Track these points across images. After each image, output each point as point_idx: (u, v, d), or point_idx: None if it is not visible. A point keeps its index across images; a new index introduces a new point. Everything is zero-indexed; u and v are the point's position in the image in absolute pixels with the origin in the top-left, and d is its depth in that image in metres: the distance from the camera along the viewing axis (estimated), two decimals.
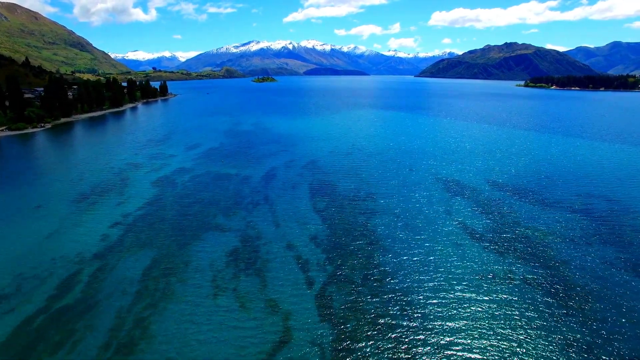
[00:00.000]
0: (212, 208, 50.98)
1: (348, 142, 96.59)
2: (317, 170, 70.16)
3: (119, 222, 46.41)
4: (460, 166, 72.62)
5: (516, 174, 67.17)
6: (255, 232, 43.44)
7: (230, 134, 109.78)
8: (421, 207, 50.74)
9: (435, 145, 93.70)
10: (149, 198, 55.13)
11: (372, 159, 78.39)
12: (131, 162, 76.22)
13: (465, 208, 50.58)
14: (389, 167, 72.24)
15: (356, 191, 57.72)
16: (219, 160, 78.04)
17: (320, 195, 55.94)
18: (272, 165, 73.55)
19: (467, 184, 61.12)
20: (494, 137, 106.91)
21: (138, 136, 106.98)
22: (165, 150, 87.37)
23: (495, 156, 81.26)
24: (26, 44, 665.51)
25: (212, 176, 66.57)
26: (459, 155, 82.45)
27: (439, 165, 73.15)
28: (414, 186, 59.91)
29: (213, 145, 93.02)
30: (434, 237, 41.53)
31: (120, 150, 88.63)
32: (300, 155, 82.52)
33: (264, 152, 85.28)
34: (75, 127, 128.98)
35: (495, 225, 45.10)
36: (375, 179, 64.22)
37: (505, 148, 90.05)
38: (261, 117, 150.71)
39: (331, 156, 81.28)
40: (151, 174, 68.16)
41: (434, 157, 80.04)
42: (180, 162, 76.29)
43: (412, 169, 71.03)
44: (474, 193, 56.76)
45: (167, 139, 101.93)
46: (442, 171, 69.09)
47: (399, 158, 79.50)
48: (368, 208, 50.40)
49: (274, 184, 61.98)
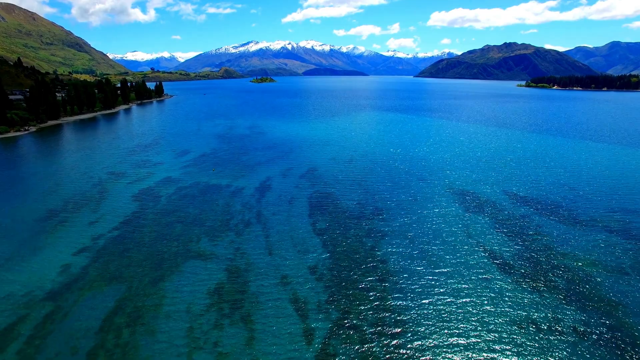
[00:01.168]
0: (196, 229, 44.32)
1: (350, 148, 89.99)
2: (316, 180, 63.54)
3: (86, 247, 39.71)
4: (475, 176, 66.05)
5: (537, 185, 60.62)
6: (244, 261, 36.78)
7: (224, 139, 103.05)
8: (437, 228, 44.15)
9: (444, 151, 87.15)
10: (127, 216, 48.43)
11: (378, 168, 71.80)
12: (113, 171, 69.49)
13: (488, 230, 44.00)
14: (397, 177, 65.65)
15: (361, 207, 51.12)
16: (209, 168, 71.34)
17: (320, 212, 49.32)
18: (267, 175, 66.89)
19: (485, 198, 54.56)
20: (507, 141, 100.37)
21: (125, 141, 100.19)
22: (152, 157, 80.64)
23: (511, 164, 74.75)
24: (23, 44, 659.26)
25: (200, 188, 59.89)
26: (471, 163, 75.93)
27: (451, 175, 66.58)
28: (426, 201, 53.32)
29: (204, 151, 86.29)
30: (458, 270, 34.89)
31: (104, 156, 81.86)
32: (298, 162, 75.90)
33: (258, 160, 78.60)
34: (61, 130, 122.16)
35: (526, 252, 38.52)
36: (382, 191, 57.60)
37: (521, 154, 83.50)
38: (257, 120, 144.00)
39: (332, 164, 74.68)
40: (133, 185, 61.44)
41: (445, 165, 73.51)
42: (167, 171, 69.58)
43: (422, 179, 64.46)
44: (494, 210, 50.19)
45: (155, 144, 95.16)
46: (456, 182, 62.52)
47: (407, 166, 72.93)
48: (376, 230, 43.79)
49: (268, 197, 55.31)
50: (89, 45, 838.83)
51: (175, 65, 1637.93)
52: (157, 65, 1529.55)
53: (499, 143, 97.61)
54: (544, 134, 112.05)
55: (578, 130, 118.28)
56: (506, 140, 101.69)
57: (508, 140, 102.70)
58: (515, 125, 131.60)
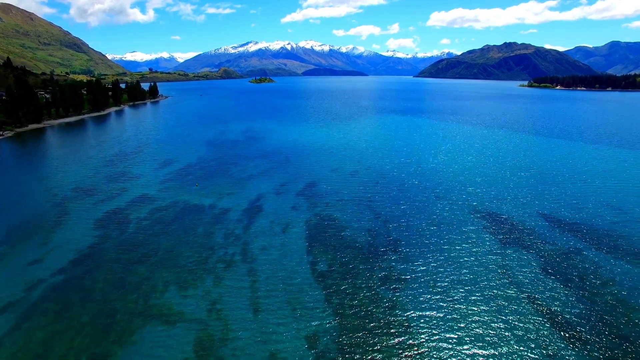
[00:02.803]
0: (164, 272, 34.91)
1: (353, 157, 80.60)
2: (316, 199, 54.13)
3: (15, 301, 30.33)
4: (501, 192, 56.63)
5: (579, 206, 51.17)
6: (220, 327, 27.37)
7: (214, 146, 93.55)
8: (470, 269, 34.75)
9: (460, 161, 77.76)
10: (81, 251, 39.03)
11: (387, 183, 62.38)
12: (82, 187, 60.08)
13: (534, 273, 34.60)
14: (410, 195, 56.23)
15: (372, 238, 41.72)
16: (192, 183, 61.92)
17: (321, 246, 39.91)
18: (258, 192, 57.47)
19: (520, 224, 45.17)
20: (530, 149, 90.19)
21: (106, 148, 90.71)
22: (130, 169, 71.21)
23: (541, 177, 65.31)
24: (21, 44, 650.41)
25: (178, 210, 50.46)
26: (494, 175, 66.55)
27: (473, 192, 57.16)
28: (449, 230, 43.93)
29: (190, 161, 76.84)
30: (509, 344, 25.48)
31: (76, 168, 72.41)
32: (296, 175, 66.49)
33: (250, 172, 69.18)
34: (41, 135, 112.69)
35: (593, 311, 29.17)
36: (395, 216, 48.19)
37: (551, 165, 73.54)
38: (252, 124, 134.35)
39: (334, 177, 65.29)
40: (100, 206, 52.02)
41: (464, 179, 64.10)
42: (144, 187, 60.16)
43: (440, 197, 55.06)
44: (535, 242, 40.79)
45: (138, 152, 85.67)
46: (480, 201, 53.12)
47: (420, 180, 63.53)
48: (394, 275, 34.38)
49: (258, 224, 45.88)
50: (87, 46, 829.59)
51: (174, 66, 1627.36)
52: (156, 65, 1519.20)
53: (522, 151, 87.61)
54: (572, 140, 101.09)
55: (607, 136, 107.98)
56: (529, 148, 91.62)
57: (531, 147, 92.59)
58: (534, 129, 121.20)
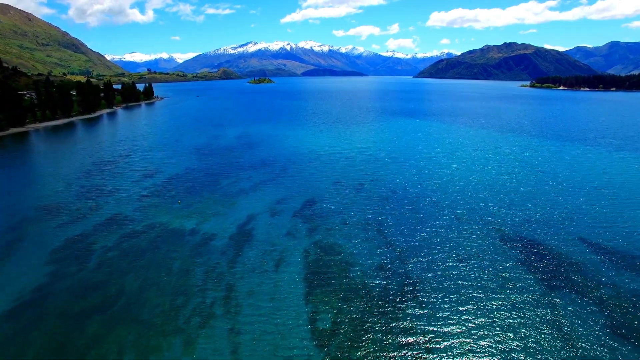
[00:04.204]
0: (122, 329, 27.02)
1: (358, 167, 72.76)
2: (316, 222, 46.25)
3: None
4: (532, 213, 48.71)
5: (630, 232, 43.34)
6: None
7: (204, 153, 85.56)
8: (516, 331, 26.87)
9: (479, 172, 69.87)
10: (24, 296, 31.17)
11: (398, 199, 54.49)
12: (47, 205, 52.21)
13: (596, 335, 26.77)
14: (426, 215, 48.36)
15: (386, 278, 33.82)
16: (174, 200, 54.03)
17: (323, 291, 32.02)
18: (249, 212, 49.57)
19: (565, 256, 37.32)
20: (560, 157, 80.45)
21: (86, 156, 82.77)
22: (107, 181, 63.29)
23: (574, 192, 57.43)
24: (19, 45, 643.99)
25: (153, 236, 42.57)
26: (519, 190, 58.57)
27: (499, 213, 49.22)
28: (478, 263, 36.04)
29: (175, 172, 68.90)
30: None
31: (47, 180, 64.52)
32: (293, 190, 58.59)
33: (242, 185, 61.26)
34: (21, 140, 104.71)
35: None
36: (410, 245, 40.28)
37: (588, 178, 65.36)
38: (248, 128, 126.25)
39: (337, 192, 57.39)
40: (63, 230, 44.16)
41: (486, 194, 56.17)
42: (119, 204, 52.28)
43: (460, 217, 47.19)
44: (589, 284, 32.93)
45: (120, 161, 77.74)
46: (508, 224, 45.24)
47: (436, 196, 55.57)
48: (416, 333, 26.49)
49: (246, 257, 37.97)
50: (86, 46, 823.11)
51: (174, 66, 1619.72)
52: (155, 66, 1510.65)
53: (550, 160, 78.58)
54: (606, 148, 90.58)
55: (630, 140, 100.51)
56: (560, 156, 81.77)
57: (562, 155, 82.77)
58: (559, 134, 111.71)
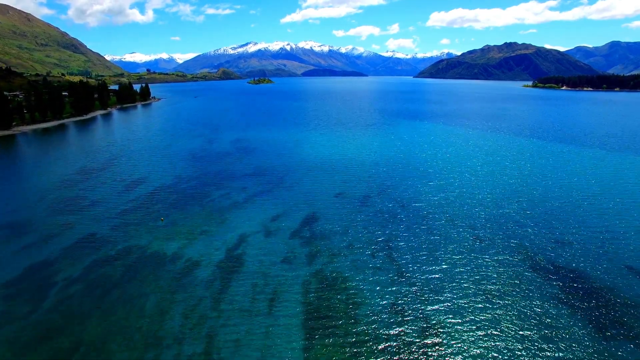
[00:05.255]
0: None
1: (362, 175, 66.57)
2: (317, 246, 40.07)
3: None
4: (563, 234, 42.49)
5: None
6: None
7: (196, 160, 79.31)
8: None
9: (497, 183, 63.57)
10: None
11: (409, 216, 48.26)
12: (14, 221, 46.08)
13: None
14: (443, 238, 42.14)
15: (400, 320, 27.63)
16: (158, 216, 47.85)
17: (326, 343, 25.82)
18: (241, 231, 43.40)
19: (613, 292, 31.15)
20: (594, 167, 72.55)
21: (69, 162, 76.64)
22: (86, 193, 57.14)
23: (617, 210, 51.25)
24: (17, 45, 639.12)
25: (129, 262, 36.41)
26: (545, 206, 52.34)
27: (526, 234, 43.03)
28: (510, 300, 29.86)
29: (163, 182, 62.73)
30: None
31: (21, 191, 58.31)
32: (291, 204, 52.36)
33: (235, 198, 55.04)
34: (5, 144, 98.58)
35: None
36: (428, 277, 34.06)
37: (628, 192, 59.54)
38: (244, 131, 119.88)
39: (340, 207, 51.21)
40: (24, 255, 38.02)
41: (509, 211, 49.93)
42: (94, 222, 46.14)
43: (482, 238, 40.95)
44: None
45: (103, 169, 71.54)
46: (538, 249, 39.06)
47: (451, 213, 49.32)
48: None
49: (234, 292, 31.76)
50: (85, 47, 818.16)
51: (174, 67, 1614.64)
52: (155, 66, 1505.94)
53: (580, 171, 70.08)
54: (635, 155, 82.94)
55: None
56: (594, 166, 72.91)
57: (597, 165, 74.00)
58: (576, 138, 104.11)
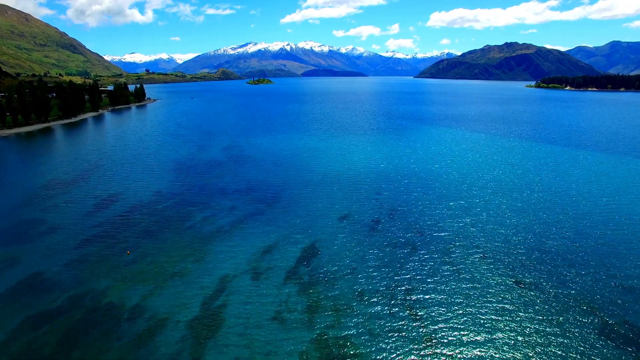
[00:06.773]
0: None
1: (369, 192, 57.98)
2: (319, 291, 31.45)
3: None
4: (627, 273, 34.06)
5: None
6: None
7: (181, 172, 70.56)
8: None
9: (531, 201, 54.99)
10: None
11: (429, 245, 39.64)
12: None
13: None
14: (474, 278, 33.53)
15: None
16: (123, 249, 39.25)
17: None
18: (225, 271, 34.79)
19: None
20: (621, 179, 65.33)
21: (37, 174, 68.00)
22: (47, 215, 48.55)
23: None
24: (16, 45, 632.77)
25: (74, 320, 27.78)
26: (592, 233, 43.87)
27: (571, 278, 34.50)
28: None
29: (139, 200, 54.08)
30: None
31: None
32: (286, 232, 43.74)
33: (220, 222, 46.41)
34: None
35: None
36: (464, 344, 25.50)
37: None
38: (238, 137, 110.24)
39: (344, 233, 42.59)
40: None
41: (549, 241, 41.47)
42: (45, 257, 37.56)
43: (522, 281, 32.43)
44: None
45: (75, 183, 62.91)
46: (594, 295, 30.56)
47: (480, 243, 40.79)
48: None
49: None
50: (84, 47, 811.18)
51: (174, 67, 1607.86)
52: (155, 66, 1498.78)
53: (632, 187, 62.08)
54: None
55: None
56: (617, 178, 65.84)
57: (616, 175, 67.25)
58: (604, 145, 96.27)
